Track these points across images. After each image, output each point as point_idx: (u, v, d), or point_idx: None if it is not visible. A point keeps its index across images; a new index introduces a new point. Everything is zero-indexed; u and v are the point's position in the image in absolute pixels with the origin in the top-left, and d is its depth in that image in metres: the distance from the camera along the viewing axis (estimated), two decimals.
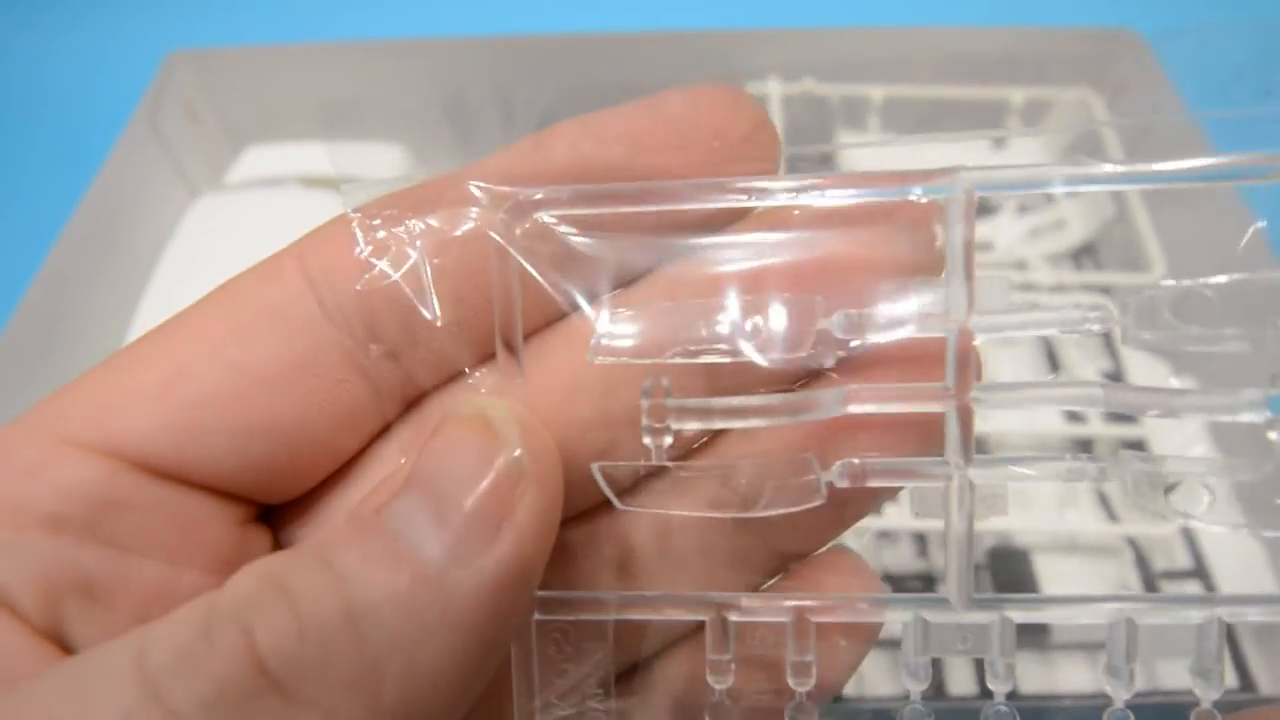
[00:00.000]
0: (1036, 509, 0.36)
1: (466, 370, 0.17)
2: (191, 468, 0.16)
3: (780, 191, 0.16)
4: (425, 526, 0.14)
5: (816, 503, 0.16)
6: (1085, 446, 0.38)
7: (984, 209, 0.45)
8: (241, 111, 0.50)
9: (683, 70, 0.47)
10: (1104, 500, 0.36)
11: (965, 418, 0.16)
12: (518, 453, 0.14)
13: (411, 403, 0.17)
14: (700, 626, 0.17)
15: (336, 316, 0.16)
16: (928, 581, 0.34)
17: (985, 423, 0.37)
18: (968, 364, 0.16)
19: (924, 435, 0.16)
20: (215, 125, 0.50)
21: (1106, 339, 0.40)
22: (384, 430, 0.17)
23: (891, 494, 0.17)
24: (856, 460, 0.16)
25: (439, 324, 0.16)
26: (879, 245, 0.16)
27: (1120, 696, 0.16)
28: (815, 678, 0.17)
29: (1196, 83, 0.45)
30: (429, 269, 0.16)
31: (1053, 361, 0.40)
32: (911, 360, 0.16)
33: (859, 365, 0.16)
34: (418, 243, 0.16)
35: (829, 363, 0.16)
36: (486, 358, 0.17)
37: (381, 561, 0.14)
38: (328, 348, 0.16)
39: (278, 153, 0.48)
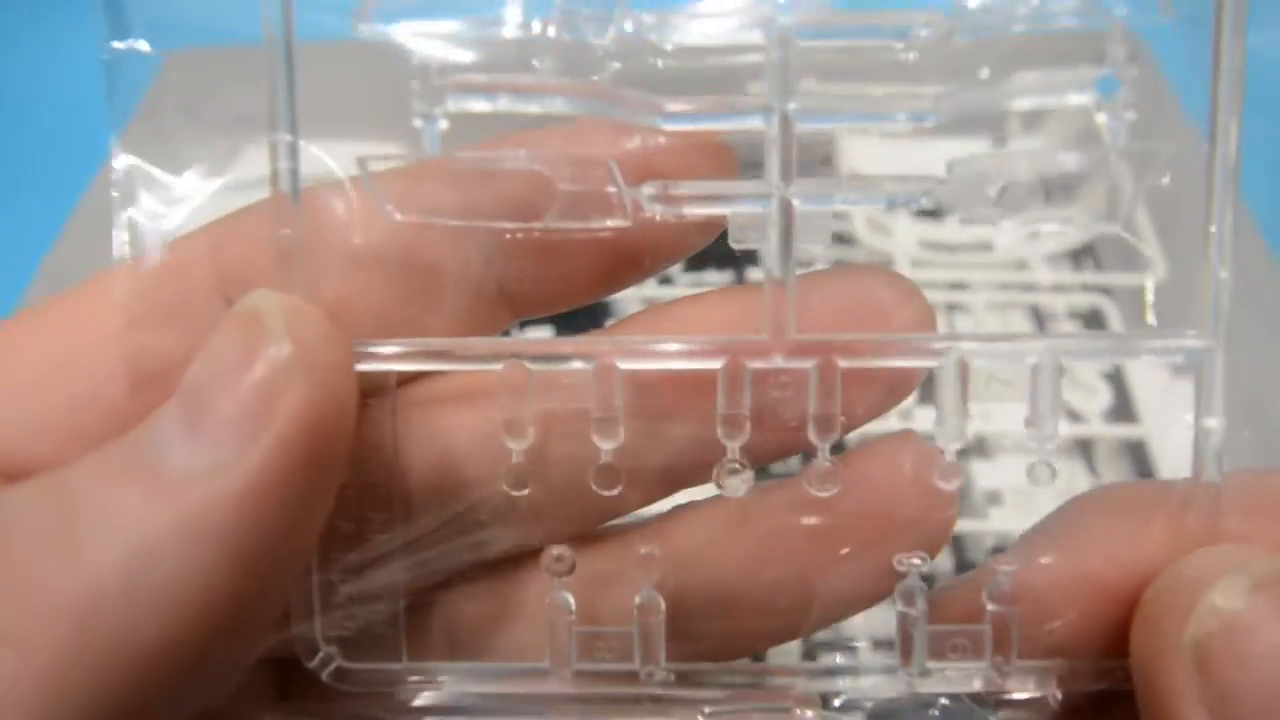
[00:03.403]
0: (1039, 509, 0.36)
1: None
2: None
3: None
4: (174, 434, 0.13)
5: (621, 221, 0.15)
6: (1085, 447, 0.38)
7: None
8: (241, 111, 0.50)
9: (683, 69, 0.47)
10: None
11: (786, 128, 0.15)
12: (282, 345, 0.13)
13: None
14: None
15: None
16: None
17: (985, 423, 0.37)
18: (786, 68, 0.15)
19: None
20: (215, 125, 0.50)
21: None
22: None
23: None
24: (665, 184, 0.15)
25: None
26: None
27: (951, 446, 0.16)
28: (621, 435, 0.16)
29: (1196, 83, 0.45)
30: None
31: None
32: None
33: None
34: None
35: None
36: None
37: (116, 475, 0.13)
38: None
39: None
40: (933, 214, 0.43)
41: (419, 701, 0.17)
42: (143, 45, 0.16)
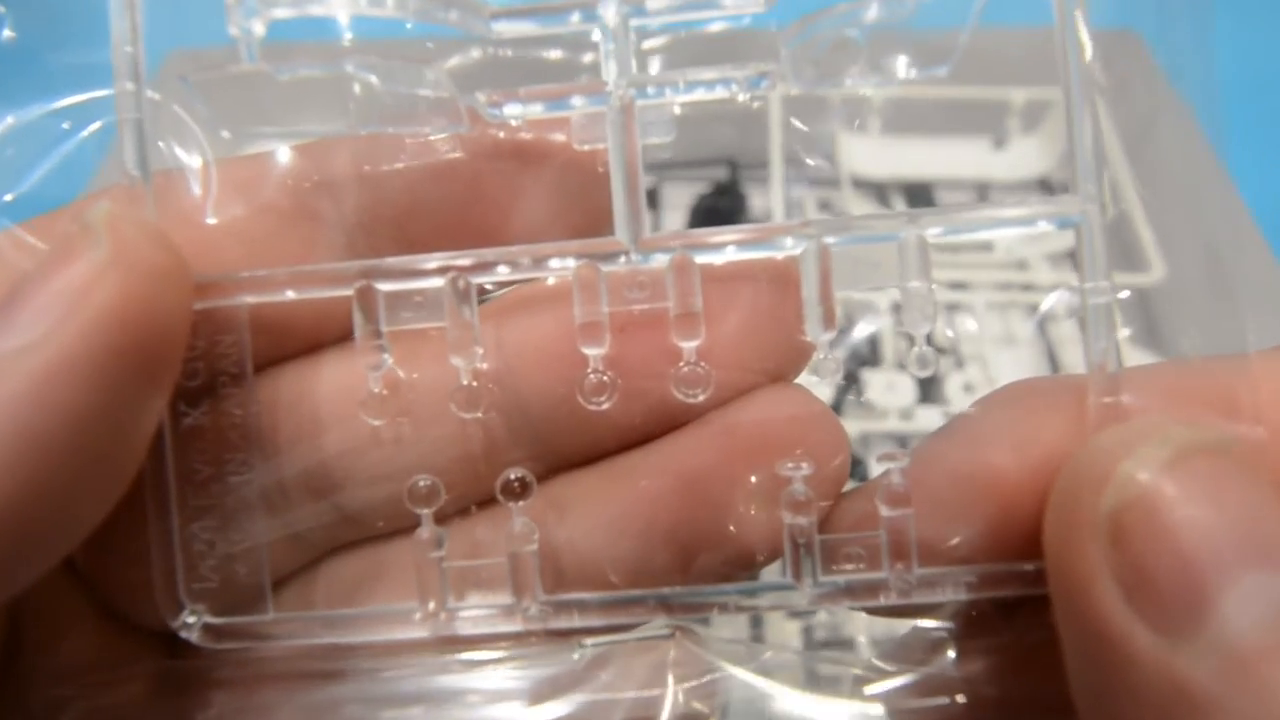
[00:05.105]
0: None
1: None
2: None
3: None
4: None
5: (460, 128, 0.15)
6: None
7: None
8: (241, 111, 0.50)
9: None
10: None
11: (622, 28, 0.15)
12: (101, 246, 0.14)
13: None
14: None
15: None
16: None
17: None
18: None
19: None
20: (215, 125, 0.50)
21: None
22: None
23: None
24: (505, 91, 0.15)
25: None
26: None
27: (821, 337, 0.15)
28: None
29: (1196, 83, 0.45)
30: None
31: (1053, 363, 0.40)
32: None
33: None
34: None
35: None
36: None
37: None
38: None
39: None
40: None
41: (290, 655, 0.16)
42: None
